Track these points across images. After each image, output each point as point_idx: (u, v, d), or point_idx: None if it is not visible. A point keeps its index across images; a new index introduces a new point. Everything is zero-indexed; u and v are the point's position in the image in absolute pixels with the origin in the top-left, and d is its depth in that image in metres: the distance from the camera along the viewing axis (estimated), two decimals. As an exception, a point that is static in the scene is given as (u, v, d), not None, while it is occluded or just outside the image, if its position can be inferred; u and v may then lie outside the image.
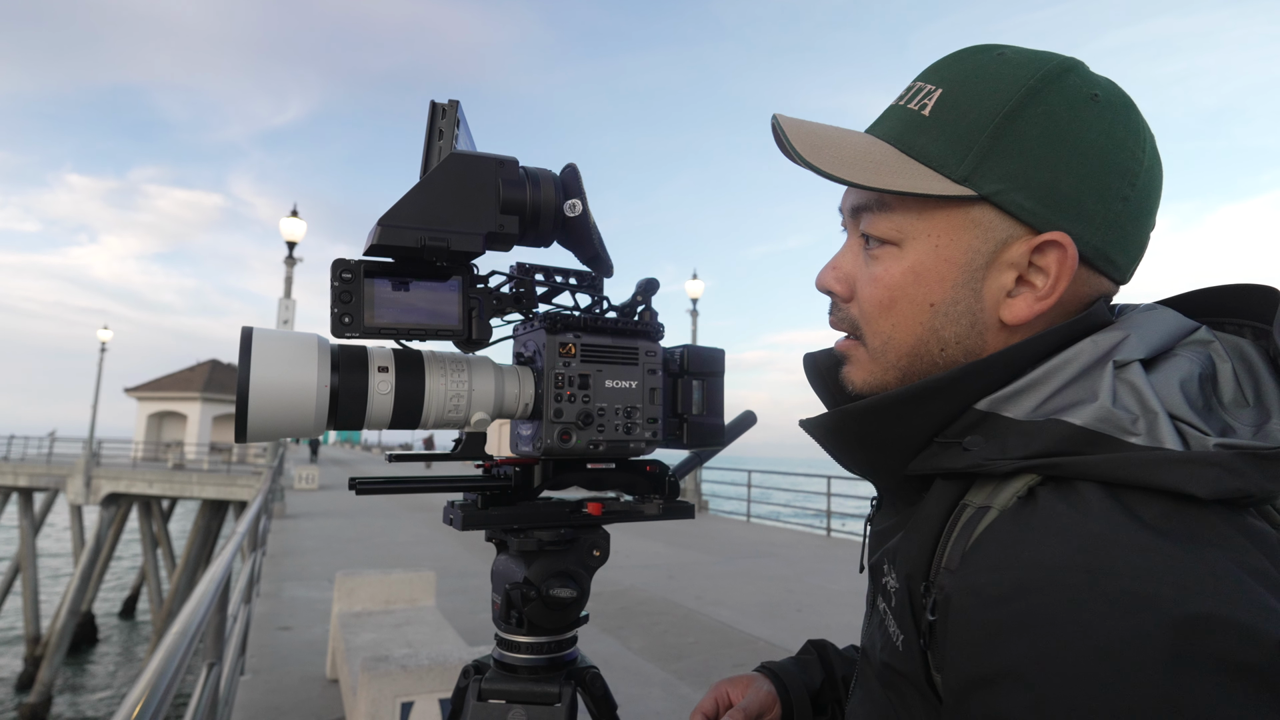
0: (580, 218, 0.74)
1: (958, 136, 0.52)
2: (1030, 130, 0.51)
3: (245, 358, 0.65)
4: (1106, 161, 0.51)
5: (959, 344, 0.54)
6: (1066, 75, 0.52)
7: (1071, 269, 0.51)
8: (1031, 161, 0.51)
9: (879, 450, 0.55)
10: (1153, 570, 0.39)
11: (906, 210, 0.54)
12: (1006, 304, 0.53)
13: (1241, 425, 0.48)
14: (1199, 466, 0.43)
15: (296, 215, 12.89)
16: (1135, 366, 0.48)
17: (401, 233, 0.66)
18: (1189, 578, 0.38)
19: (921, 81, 0.56)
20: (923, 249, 0.54)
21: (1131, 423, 0.45)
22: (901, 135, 0.55)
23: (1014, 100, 0.51)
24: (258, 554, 5.38)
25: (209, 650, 2.32)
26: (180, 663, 1.22)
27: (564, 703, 0.81)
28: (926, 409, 0.52)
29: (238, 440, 0.68)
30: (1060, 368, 0.50)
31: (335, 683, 4.21)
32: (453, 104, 0.73)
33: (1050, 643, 0.38)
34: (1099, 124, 0.51)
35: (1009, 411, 0.50)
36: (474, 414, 0.74)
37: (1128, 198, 0.52)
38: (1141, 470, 0.43)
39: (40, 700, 14.24)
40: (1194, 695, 0.35)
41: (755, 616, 5.96)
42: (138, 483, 20.33)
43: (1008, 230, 0.52)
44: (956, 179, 0.52)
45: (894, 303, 0.56)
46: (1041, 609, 0.39)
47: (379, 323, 0.70)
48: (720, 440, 0.88)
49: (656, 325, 0.84)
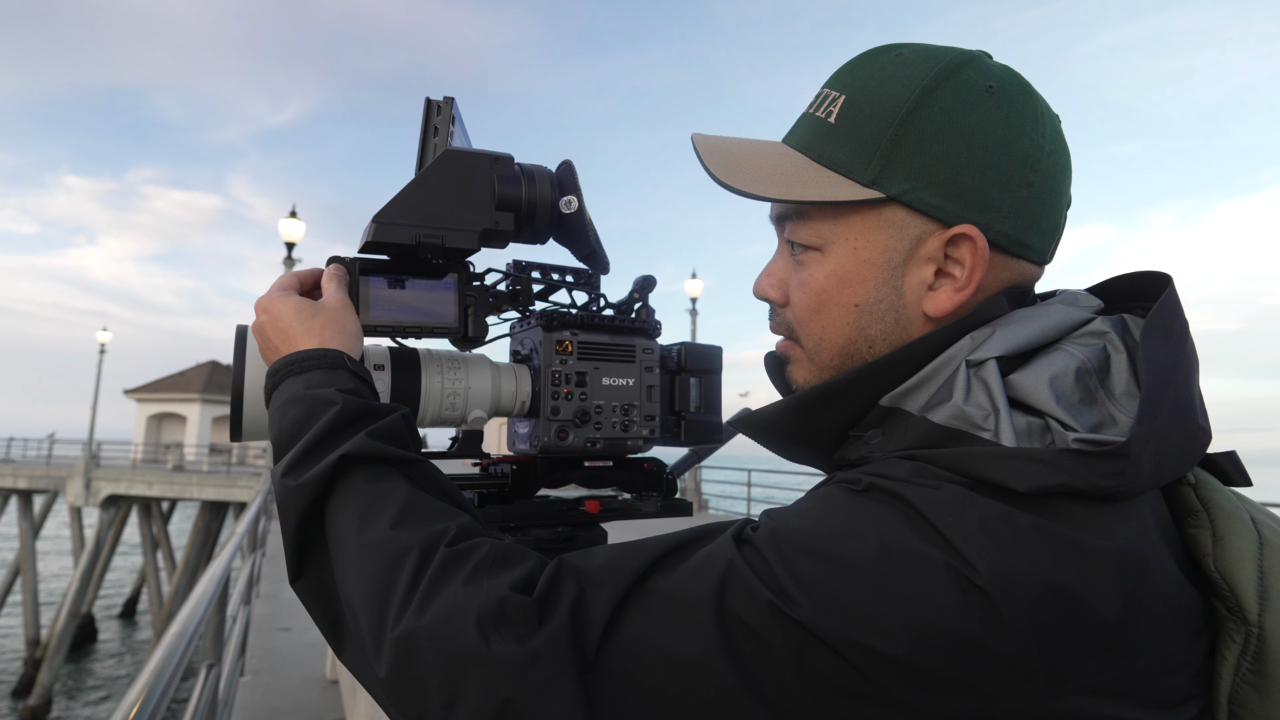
0: (576, 214, 0.74)
1: (861, 141, 0.54)
2: (928, 128, 0.53)
3: (240, 357, 0.65)
4: (1006, 150, 0.53)
5: (885, 340, 0.57)
6: (961, 70, 0.54)
7: (984, 258, 0.53)
8: (933, 158, 0.53)
9: (803, 443, 0.58)
10: (868, 528, 0.45)
11: (824, 217, 0.57)
12: (929, 297, 0.55)
13: (1126, 415, 0.49)
14: (1024, 462, 0.45)
15: (295, 216, 12.88)
16: (990, 364, 0.50)
17: (396, 230, 0.66)
18: (885, 529, 0.45)
19: (828, 88, 0.58)
20: (842, 253, 0.56)
21: (983, 418, 0.48)
22: (811, 144, 0.58)
23: (910, 101, 0.53)
24: (257, 555, 5.37)
25: (208, 651, 2.32)
26: (178, 663, 1.22)
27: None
28: (832, 407, 0.55)
29: (233, 439, 0.67)
30: (942, 366, 0.52)
31: (335, 684, 4.21)
32: (448, 101, 0.73)
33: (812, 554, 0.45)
34: (995, 115, 0.53)
35: (909, 406, 0.52)
36: (471, 412, 0.74)
37: (1031, 183, 0.53)
38: (975, 464, 0.46)
39: (40, 702, 14.24)
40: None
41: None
42: (137, 484, 20.31)
43: (920, 227, 0.54)
44: (864, 183, 0.54)
45: (821, 306, 0.58)
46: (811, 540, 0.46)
47: (375, 321, 0.70)
48: (718, 438, 0.88)
49: (654, 322, 0.84)
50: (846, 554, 0.44)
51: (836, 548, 0.44)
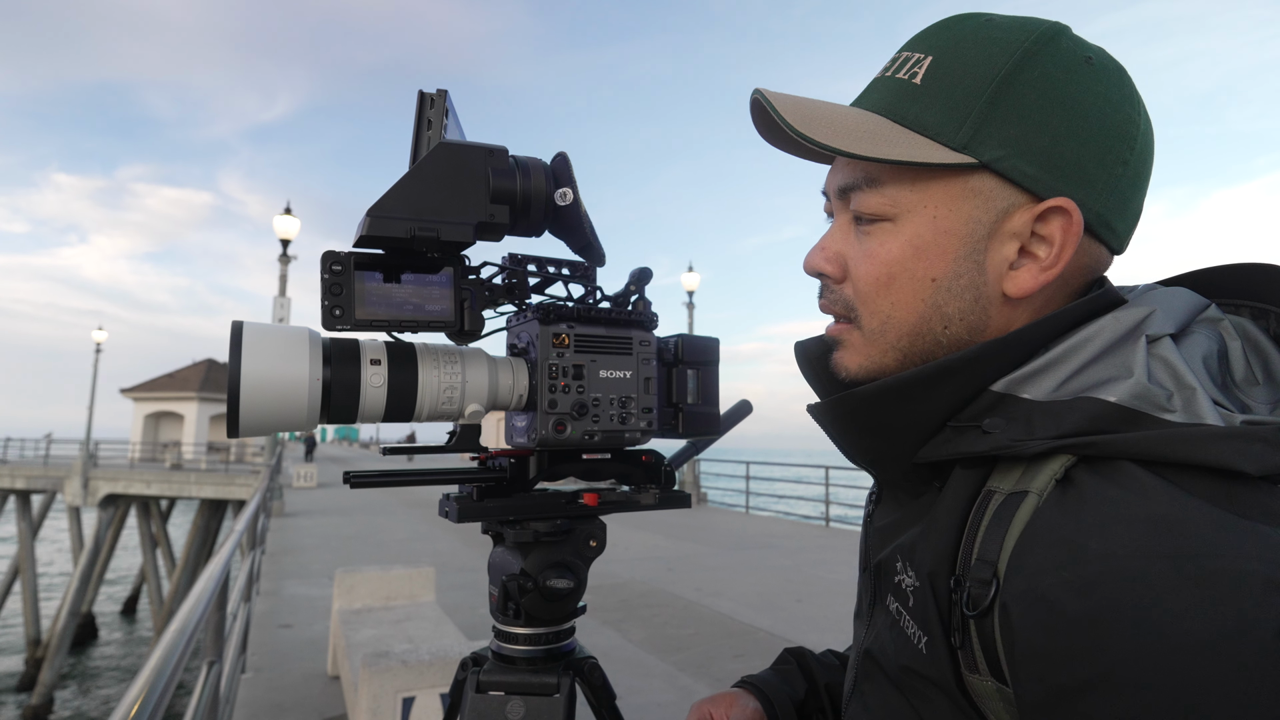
0: (571, 206, 0.73)
1: (954, 103, 0.50)
2: (1028, 94, 0.49)
3: (236, 352, 0.65)
4: (1106, 124, 0.49)
5: (963, 320, 0.52)
6: (1059, 38, 0.51)
7: (1077, 236, 0.49)
8: (1031, 126, 0.49)
9: (887, 436, 0.53)
10: (1234, 546, 0.37)
11: (899, 183, 0.52)
12: (1010, 276, 0.51)
13: (1256, 403, 0.47)
14: (1245, 441, 0.41)
15: (290, 213, 12.83)
16: (1167, 341, 0.46)
17: (391, 223, 0.66)
18: (1266, 550, 0.37)
19: (909, 51, 0.54)
20: (920, 222, 0.52)
21: (1167, 399, 0.44)
22: (893, 105, 0.53)
23: (1009, 64, 0.49)
24: (257, 552, 5.37)
25: (209, 648, 2.32)
26: (178, 661, 1.22)
27: (563, 693, 0.81)
28: (941, 391, 0.50)
29: (230, 435, 0.67)
30: (1081, 345, 0.48)
31: (336, 679, 4.22)
32: (441, 93, 0.73)
33: (1143, 638, 0.36)
34: (1096, 87, 0.50)
35: (1027, 393, 0.48)
36: (468, 406, 0.74)
37: (1127, 161, 0.50)
38: (1186, 447, 0.41)
39: (42, 701, 14.25)
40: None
41: (755, 607, 5.98)
42: (135, 483, 20.30)
43: (1009, 199, 0.50)
44: (955, 146, 0.50)
45: (893, 279, 0.53)
46: (1126, 603, 0.37)
47: (370, 315, 0.70)
48: (716, 429, 0.88)
49: (650, 315, 0.84)
50: None
51: None
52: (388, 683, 2.76)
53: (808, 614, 5.81)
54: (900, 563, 0.53)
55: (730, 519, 12.57)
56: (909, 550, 0.52)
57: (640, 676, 4.30)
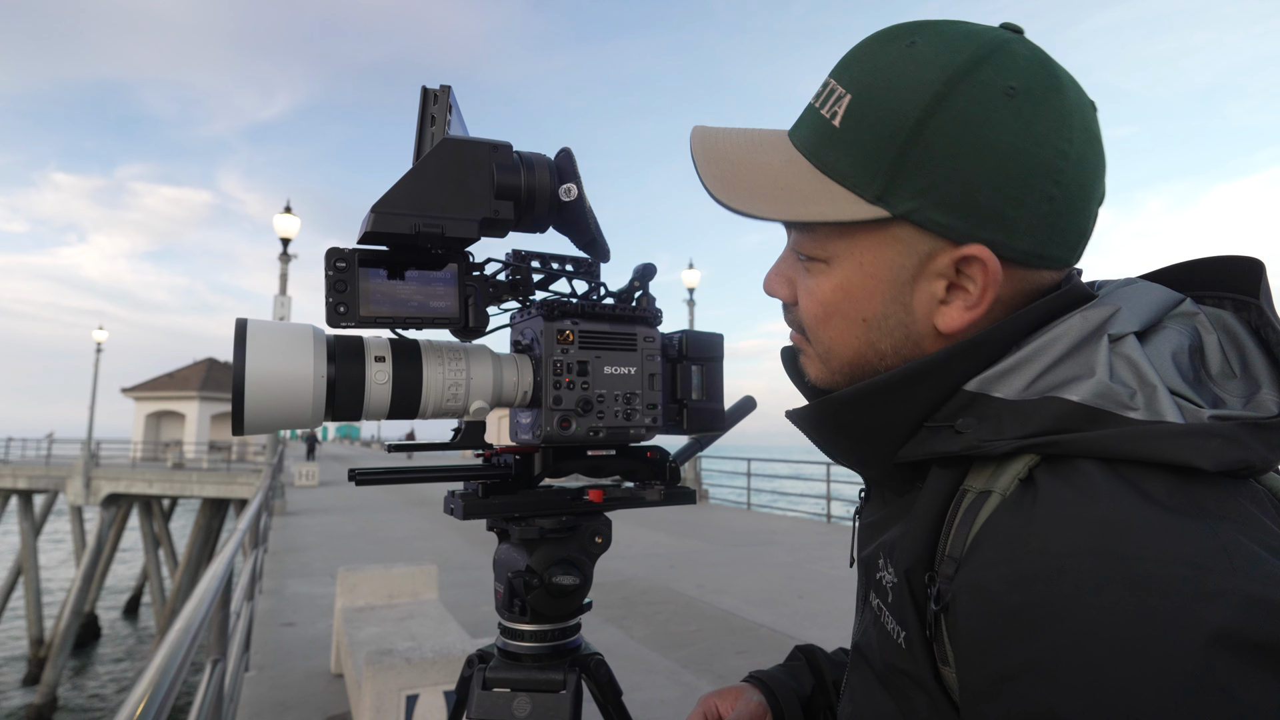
0: (575, 202, 0.73)
1: (867, 153, 0.51)
2: (939, 142, 0.48)
3: (240, 349, 0.65)
4: (1026, 163, 0.48)
5: (896, 353, 0.54)
6: (978, 70, 0.49)
7: (996, 279, 0.50)
8: (942, 175, 0.49)
9: (867, 438, 0.54)
10: (1165, 549, 0.38)
11: (829, 230, 0.54)
12: (940, 312, 0.53)
13: (1231, 396, 0.47)
14: (1202, 438, 0.42)
15: (290, 211, 12.82)
16: (1130, 340, 0.47)
17: (396, 219, 0.66)
18: (1202, 555, 0.38)
19: (834, 79, 0.54)
20: (849, 267, 0.54)
21: (1129, 397, 0.45)
22: (816, 148, 0.54)
23: (920, 109, 0.49)
24: (259, 551, 5.38)
25: (213, 647, 2.32)
26: (183, 659, 1.22)
27: (569, 690, 0.81)
28: (915, 392, 0.51)
29: (235, 433, 0.67)
30: (1050, 344, 0.48)
31: (340, 677, 4.22)
32: (444, 89, 0.72)
33: (1068, 633, 0.37)
34: (1015, 123, 0.48)
35: (999, 391, 0.49)
36: (473, 403, 0.74)
37: (1054, 197, 0.49)
38: (1144, 444, 0.42)
39: (45, 701, 14.28)
40: (1218, 673, 0.35)
41: (757, 604, 5.98)
42: (137, 483, 20.32)
43: (929, 244, 0.51)
44: (870, 199, 0.51)
45: (829, 317, 0.56)
46: (1055, 598, 0.38)
47: (374, 312, 0.70)
48: (720, 425, 0.88)
49: (654, 311, 0.84)
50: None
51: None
52: (391, 680, 2.76)
53: (810, 610, 5.82)
54: (882, 559, 0.54)
55: (731, 515, 12.58)
56: (890, 548, 0.53)
57: (643, 673, 4.30)
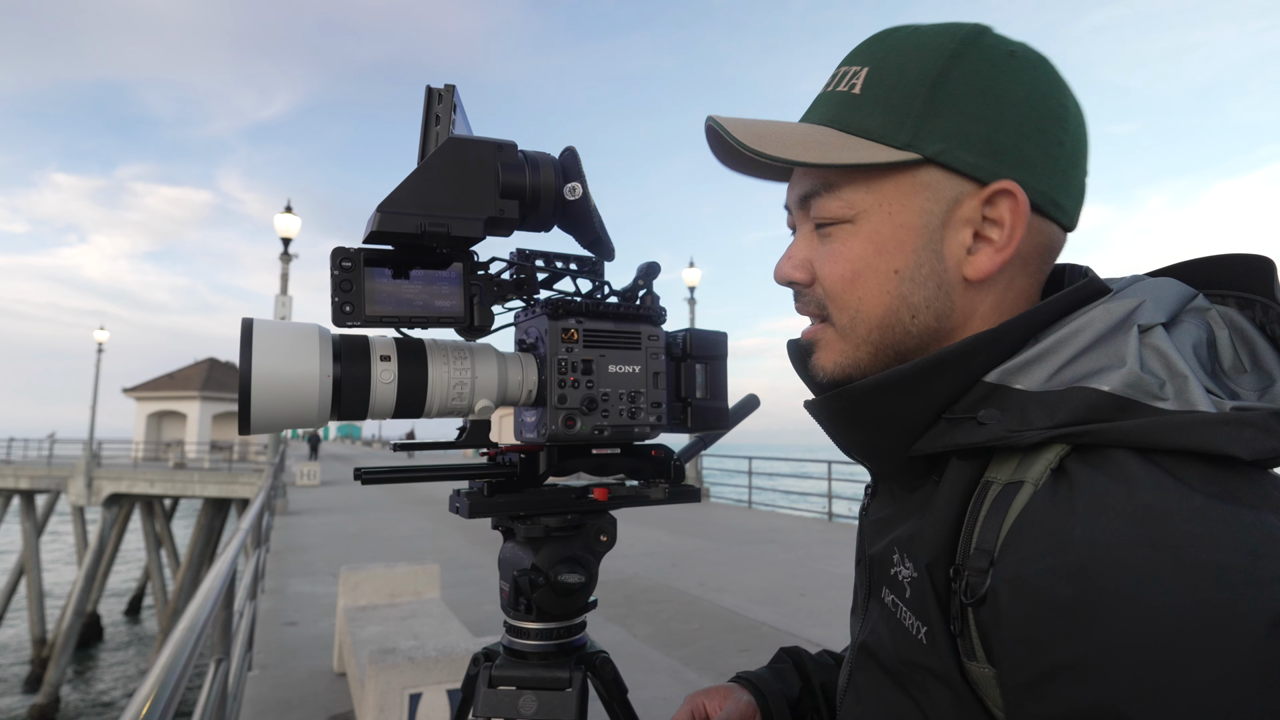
0: (580, 201, 0.73)
1: (893, 106, 0.54)
2: (961, 89, 0.52)
3: (246, 349, 0.65)
4: (1037, 109, 0.53)
5: (929, 307, 0.55)
6: (983, 36, 0.54)
7: (1024, 215, 0.52)
8: (967, 118, 0.52)
9: (883, 430, 0.54)
10: (1215, 537, 0.38)
11: (854, 186, 0.55)
12: (969, 261, 0.54)
13: (1245, 390, 0.48)
14: (1236, 428, 0.42)
15: (291, 211, 12.83)
16: (1159, 331, 0.48)
17: (401, 219, 0.66)
18: (1254, 541, 0.38)
19: (846, 66, 0.58)
20: (877, 219, 0.55)
21: (1160, 388, 0.45)
22: (837, 116, 0.56)
23: (940, 64, 0.53)
24: (261, 551, 5.39)
25: (216, 646, 2.33)
26: (189, 658, 1.22)
27: (575, 688, 0.81)
28: (936, 383, 0.51)
29: (241, 432, 0.67)
30: (1073, 336, 0.49)
31: (342, 676, 4.23)
32: (449, 89, 0.72)
33: (1124, 626, 0.37)
34: (1023, 75, 0.53)
35: (1020, 383, 0.49)
36: (478, 401, 0.74)
37: (1062, 141, 0.53)
38: (1180, 434, 0.42)
39: (48, 701, 14.31)
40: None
41: (759, 602, 5.99)
42: (139, 483, 20.34)
43: (957, 188, 0.53)
44: (899, 145, 0.53)
45: (858, 275, 0.56)
46: (1108, 591, 0.38)
47: (380, 311, 0.70)
48: (724, 424, 0.88)
49: (658, 309, 0.84)
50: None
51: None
52: (395, 679, 2.77)
53: (812, 608, 5.82)
54: (897, 555, 0.54)
55: (733, 514, 12.58)
56: (906, 542, 0.53)
57: (645, 672, 4.31)
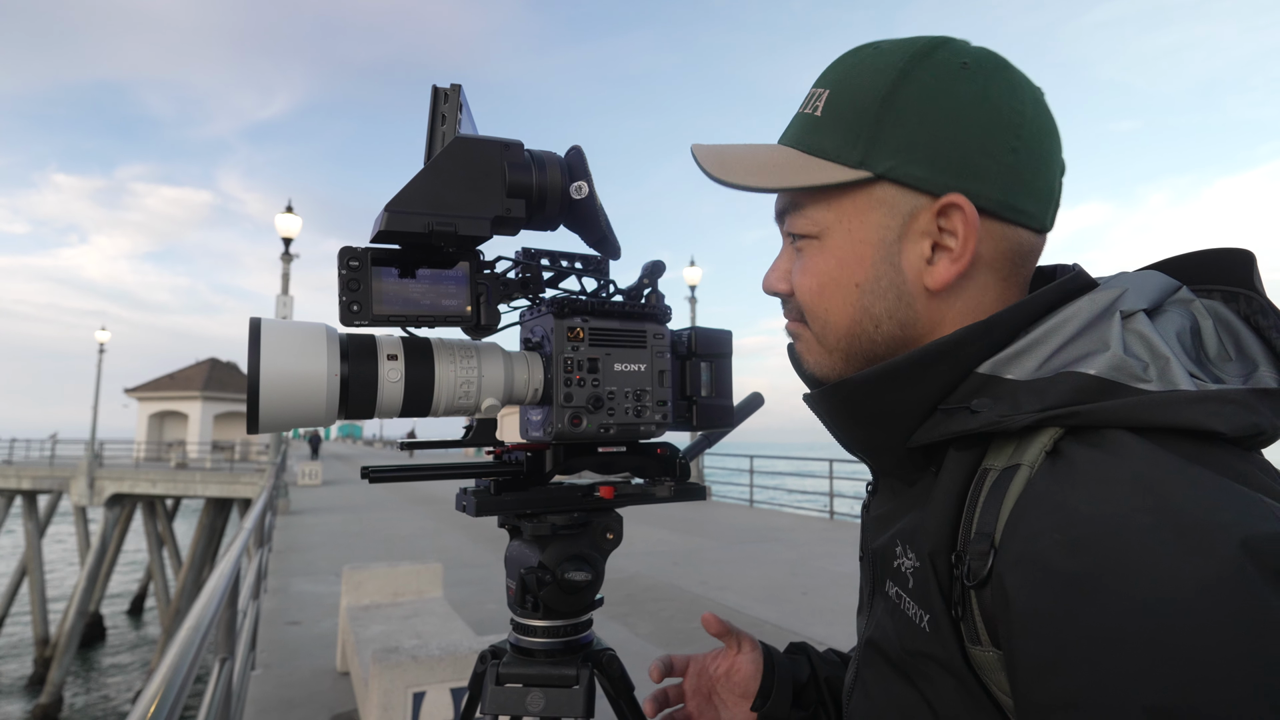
0: (586, 200, 0.73)
1: (848, 126, 0.56)
2: (908, 106, 0.54)
3: (255, 349, 0.65)
4: (986, 119, 0.54)
5: (891, 318, 0.57)
6: (935, 52, 0.56)
7: (975, 226, 0.53)
8: (915, 133, 0.54)
9: (880, 422, 0.56)
10: (1212, 501, 0.39)
11: (817, 204, 0.58)
12: (928, 271, 0.56)
13: (1229, 376, 0.49)
14: (1217, 404, 0.44)
15: (291, 211, 12.83)
16: (1141, 316, 0.50)
17: (409, 218, 0.66)
18: (1249, 504, 0.39)
19: (816, 87, 0.61)
20: (839, 236, 0.58)
21: (1143, 370, 0.47)
22: (801, 138, 0.60)
23: (889, 82, 0.55)
24: (264, 550, 5.40)
25: (220, 645, 2.33)
26: (194, 657, 1.23)
27: (582, 685, 0.81)
28: (928, 375, 0.53)
29: (250, 431, 0.68)
30: (1060, 326, 0.51)
31: (346, 675, 4.24)
32: (455, 88, 0.73)
33: (1133, 591, 0.38)
34: (972, 87, 0.54)
35: (1011, 373, 0.50)
36: (484, 400, 0.74)
37: (1016, 149, 0.54)
38: (1163, 411, 0.44)
39: (51, 701, 14.34)
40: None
41: (761, 600, 5.99)
42: (141, 483, 20.36)
43: (911, 202, 0.55)
44: (853, 164, 0.55)
45: (824, 288, 0.59)
46: (1114, 559, 0.39)
47: (387, 310, 0.70)
48: (729, 422, 0.88)
49: (664, 308, 0.84)
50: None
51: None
52: (398, 678, 2.77)
53: (814, 606, 5.82)
54: (899, 547, 0.55)
55: (734, 512, 12.59)
56: (908, 534, 0.54)
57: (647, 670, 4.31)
